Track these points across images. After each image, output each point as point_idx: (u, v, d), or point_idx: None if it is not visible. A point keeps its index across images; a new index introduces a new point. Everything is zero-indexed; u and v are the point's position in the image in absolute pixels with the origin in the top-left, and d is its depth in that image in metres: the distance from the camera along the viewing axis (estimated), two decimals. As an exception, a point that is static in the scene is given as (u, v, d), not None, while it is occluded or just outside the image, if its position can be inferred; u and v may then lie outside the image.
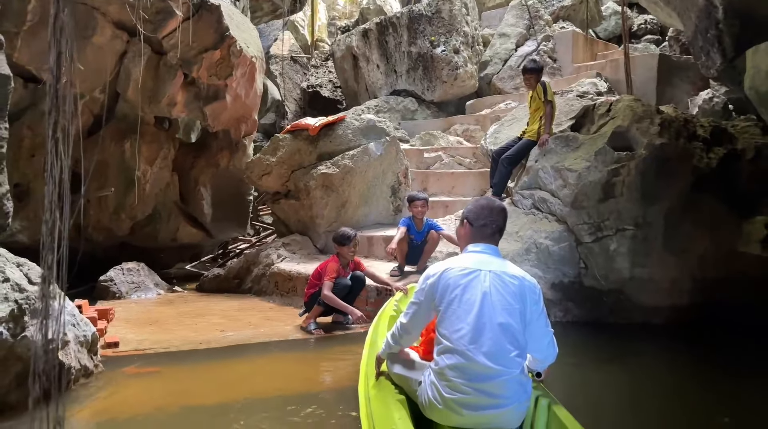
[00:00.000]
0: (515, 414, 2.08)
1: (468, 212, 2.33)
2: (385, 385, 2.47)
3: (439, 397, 2.08)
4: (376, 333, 3.25)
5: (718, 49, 5.22)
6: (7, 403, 2.68)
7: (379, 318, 3.57)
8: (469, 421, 2.05)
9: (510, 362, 2.05)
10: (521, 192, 5.70)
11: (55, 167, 1.12)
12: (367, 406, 2.49)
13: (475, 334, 2.05)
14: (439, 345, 2.14)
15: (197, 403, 3.02)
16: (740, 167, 5.44)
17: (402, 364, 2.40)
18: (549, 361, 2.31)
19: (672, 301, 4.91)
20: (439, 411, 2.09)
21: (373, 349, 2.95)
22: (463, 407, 2.03)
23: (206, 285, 6.64)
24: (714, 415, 3.09)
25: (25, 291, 2.63)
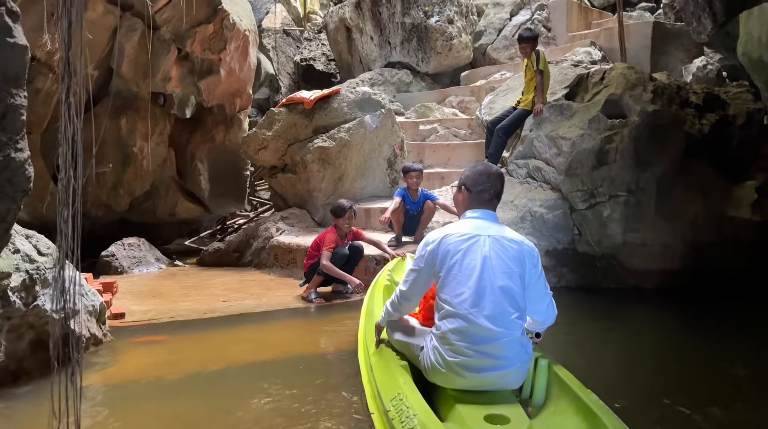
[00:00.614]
0: (517, 374, 2.12)
1: (465, 178, 2.33)
2: (386, 353, 2.50)
3: (441, 361, 2.11)
4: (371, 302, 3.28)
5: (708, 14, 5.24)
6: (23, 369, 2.78)
7: (373, 288, 3.60)
8: (472, 383, 2.09)
9: (511, 324, 2.07)
10: (516, 161, 5.76)
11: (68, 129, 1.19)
12: (369, 373, 2.52)
13: (476, 297, 2.07)
14: (441, 310, 2.17)
15: (202, 368, 3.13)
16: (732, 133, 5.51)
17: (403, 331, 2.44)
18: (548, 323, 2.35)
19: (664, 265, 5.02)
20: (442, 374, 2.12)
21: (370, 318, 2.98)
22: (465, 369, 2.07)
23: (207, 259, 6.73)
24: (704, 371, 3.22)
25: (35, 261, 2.71)
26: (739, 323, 4.18)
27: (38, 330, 2.81)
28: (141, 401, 2.68)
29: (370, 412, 2.27)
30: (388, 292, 3.39)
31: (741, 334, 3.95)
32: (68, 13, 1.25)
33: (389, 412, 2.01)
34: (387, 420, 2.03)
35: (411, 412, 1.92)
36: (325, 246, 4.63)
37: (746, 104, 5.77)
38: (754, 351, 3.60)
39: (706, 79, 8.51)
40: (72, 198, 1.18)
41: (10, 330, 2.63)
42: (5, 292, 2.56)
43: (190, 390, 2.82)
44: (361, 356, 2.81)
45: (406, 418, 1.92)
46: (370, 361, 2.57)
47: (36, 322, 2.76)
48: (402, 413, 1.96)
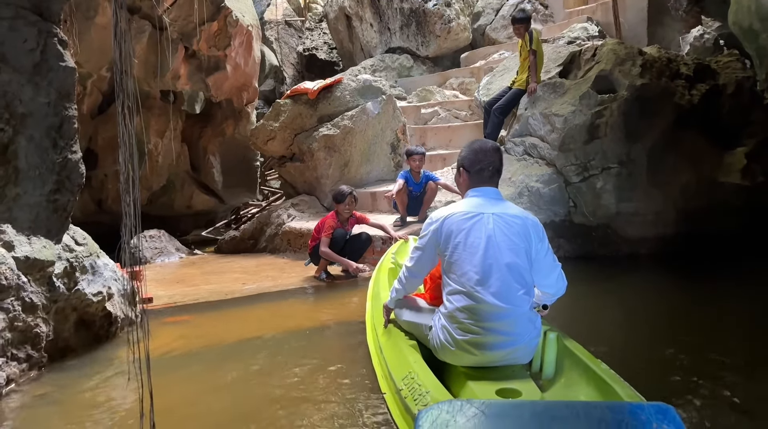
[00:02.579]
0: (526, 349, 2.14)
1: (463, 159, 2.33)
2: (395, 333, 2.53)
3: (451, 339, 2.13)
4: (377, 285, 3.32)
5: None
6: (68, 347, 3.13)
7: (378, 271, 3.66)
8: (482, 360, 2.11)
9: (518, 300, 2.09)
10: (513, 139, 6.00)
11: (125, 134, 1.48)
12: (378, 354, 2.58)
13: (482, 275, 2.09)
14: (448, 288, 2.18)
15: (227, 341, 3.46)
16: (722, 102, 5.69)
17: (411, 311, 2.48)
18: (559, 294, 2.36)
19: (657, 231, 5.26)
20: (452, 352, 2.15)
21: (376, 300, 3.04)
22: (475, 347, 2.08)
23: (224, 247, 7.07)
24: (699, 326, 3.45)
25: (74, 250, 3.04)
26: (729, 282, 4.39)
27: (80, 312, 3.15)
28: (175, 370, 3.01)
29: (383, 392, 2.31)
30: (393, 275, 3.47)
31: (731, 291, 4.18)
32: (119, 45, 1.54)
33: (402, 390, 2.05)
34: (400, 399, 2.06)
35: (423, 390, 1.95)
36: (324, 232, 4.84)
37: (736, 73, 5.95)
38: (742, 305, 3.83)
39: (704, 49, 8.60)
40: (132, 187, 1.48)
41: (56, 312, 2.98)
42: (51, 279, 2.90)
43: (217, 359, 3.15)
44: (370, 338, 2.87)
45: (419, 396, 1.95)
46: (379, 342, 2.62)
47: (78, 305, 3.10)
48: (414, 391, 1.98)
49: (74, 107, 2.05)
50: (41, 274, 2.84)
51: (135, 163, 1.53)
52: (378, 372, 2.50)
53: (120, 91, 1.55)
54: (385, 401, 2.23)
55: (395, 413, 2.11)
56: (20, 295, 2.72)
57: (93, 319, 3.25)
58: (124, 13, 1.61)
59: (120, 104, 1.54)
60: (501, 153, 2.38)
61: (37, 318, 2.82)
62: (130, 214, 1.55)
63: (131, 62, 1.63)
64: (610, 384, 1.92)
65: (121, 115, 1.53)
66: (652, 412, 1.45)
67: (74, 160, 2.08)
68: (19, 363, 2.75)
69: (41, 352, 2.89)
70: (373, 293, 3.27)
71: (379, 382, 2.42)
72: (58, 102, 1.95)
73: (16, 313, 2.69)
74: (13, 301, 2.68)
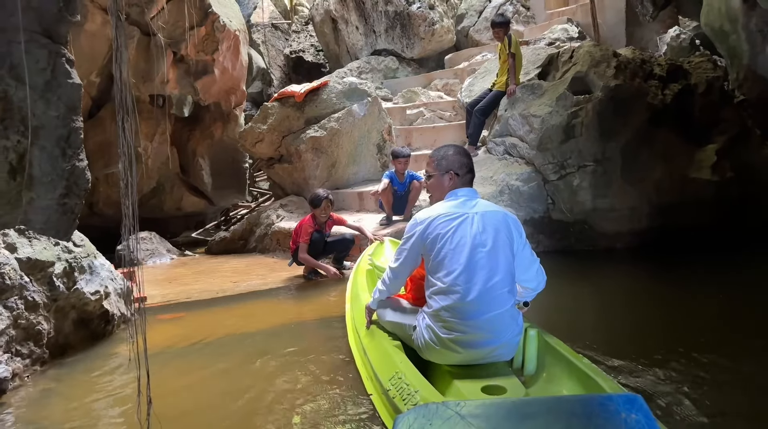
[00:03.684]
0: (509, 346, 2.20)
1: (450, 164, 2.37)
2: (378, 334, 2.53)
3: (435, 338, 2.17)
4: (356, 287, 3.33)
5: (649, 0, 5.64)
6: (68, 344, 3.28)
7: (355, 273, 3.67)
8: (466, 358, 2.15)
9: (502, 298, 2.14)
10: (494, 139, 6.21)
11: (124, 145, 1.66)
12: (362, 356, 2.59)
13: (467, 274, 2.13)
14: (433, 288, 2.22)
15: (220, 336, 3.62)
16: (694, 101, 5.93)
17: (394, 312, 2.51)
18: (540, 288, 2.41)
19: (632, 226, 5.49)
20: (437, 351, 2.19)
21: (356, 302, 3.08)
22: (459, 345, 2.12)
23: (214, 247, 7.22)
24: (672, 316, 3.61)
25: (72, 252, 3.19)
26: (701, 273, 4.60)
27: (79, 310, 3.30)
28: (171, 363, 3.17)
29: (369, 393, 2.33)
30: (371, 276, 3.56)
31: (702, 281, 4.38)
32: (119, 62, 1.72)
33: (389, 391, 2.06)
34: (388, 399, 2.08)
35: (412, 389, 1.96)
36: (301, 237, 4.96)
37: (707, 73, 6.19)
38: (712, 294, 4.02)
39: (680, 49, 8.86)
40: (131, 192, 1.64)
41: (57, 310, 3.13)
42: (51, 279, 3.05)
43: (211, 352, 3.32)
44: (352, 340, 2.89)
45: (407, 395, 1.96)
46: (362, 343, 2.63)
47: (77, 303, 3.25)
48: (403, 391, 2.00)
49: (80, 119, 2.22)
50: (42, 274, 2.99)
51: (134, 171, 1.70)
52: (363, 373, 2.50)
53: (120, 107, 1.72)
54: (372, 402, 2.25)
55: (383, 414, 2.13)
56: (23, 294, 2.87)
57: (91, 317, 3.40)
58: (123, 34, 1.78)
59: (120, 119, 1.71)
60: (469, 155, 2.50)
61: (38, 316, 2.97)
62: (128, 215, 1.71)
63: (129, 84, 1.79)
64: (592, 377, 1.97)
65: (120, 128, 1.70)
66: (620, 402, 1.48)
67: (81, 167, 2.25)
68: (23, 359, 2.90)
69: (43, 348, 3.04)
70: (352, 295, 3.29)
71: (364, 383, 2.44)
72: (66, 115, 2.12)
73: (19, 312, 2.85)
74: (17, 300, 2.84)
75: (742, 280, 4.36)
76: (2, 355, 2.74)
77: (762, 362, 2.74)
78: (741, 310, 3.66)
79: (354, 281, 3.50)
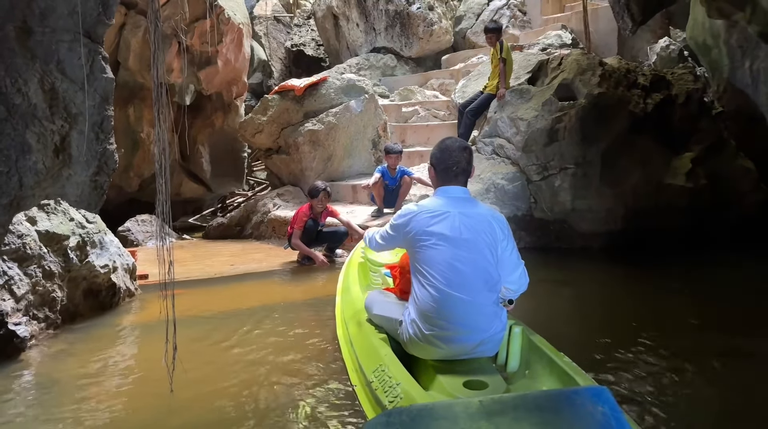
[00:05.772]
0: (492, 343, 2.22)
1: (432, 157, 2.39)
2: (365, 327, 2.57)
3: (419, 333, 2.19)
4: (347, 280, 3.38)
5: (628, 15, 5.95)
6: (78, 312, 3.57)
7: (347, 266, 3.71)
8: (449, 353, 2.18)
9: (483, 295, 2.16)
10: (483, 140, 6.52)
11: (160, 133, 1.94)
12: (349, 347, 2.63)
13: (448, 271, 2.15)
14: (416, 284, 2.25)
15: (214, 311, 3.92)
16: (674, 110, 6.25)
17: (381, 306, 2.55)
18: (521, 291, 2.40)
19: (608, 227, 5.80)
20: (420, 346, 2.22)
21: (346, 294, 3.15)
22: (441, 340, 2.15)
23: (212, 232, 7.50)
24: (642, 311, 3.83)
25: (85, 227, 3.48)
26: (671, 272, 4.88)
27: (89, 281, 3.59)
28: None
29: (353, 384, 2.37)
30: (363, 269, 3.63)
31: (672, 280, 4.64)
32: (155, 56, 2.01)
33: (372, 383, 2.11)
34: (370, 391, 2.11)
35: (394, 382, 1.99)
36: (295, 225, 5.28)
37: (687, 84, 6.50)
38: (680, 291, 4.29)
39: (669, 59, 9.17)
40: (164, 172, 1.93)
41: (70, 280, 3.41)
42: (66, 251, 3.34)
43: (209, 324, 3.61)
44: (340, 332, 2.92)
45: (389, 387, 1.99)
46: (350, 335, 2.68)
47: (88, 275, 3.54)
48: (385, 383, 2.03)
49: (112, 108, 2.52)
50: (58, 246, 3.28)
51: (167, 155, 1.99)
52: (348, 365, 2.55)
53: (156, 100, 2.00)
54: (356, 393, 2.31)
55: (365, 405, 2.17)
56: (41, 264, 3.15)
57: (99, 288, 3.69)
58: (159, 36, 2.07)
59: (157, 109, 1.99)
60: (469, 152, 2.38)
61: (54, 284, 3.26)
62: (162, 191, 2.00)
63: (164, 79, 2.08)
64: (572, 375, 2.00)
65: (157, 117, 1.98)
66: (587, 396, 1.49)
67: (111, 149, 2.54)
68: (39, 322, 3.19)
69: (57, 314, 3.33)
70: (343, 287, 3.34)
71: (349, 374, 2.49)
72: (100, 104, 2.42)
73: (37, 279, 3.13)
74: (36, 269, 3.12)
75: (707, 280, 4.64)
76: (21, 317, 3.03)
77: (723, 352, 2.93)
78: (704, 306, 3.92)
79: (346, 274, 3.54)
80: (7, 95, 2.06)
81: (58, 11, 2.14)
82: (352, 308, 2.88)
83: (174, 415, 2.41)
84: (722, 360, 2.83)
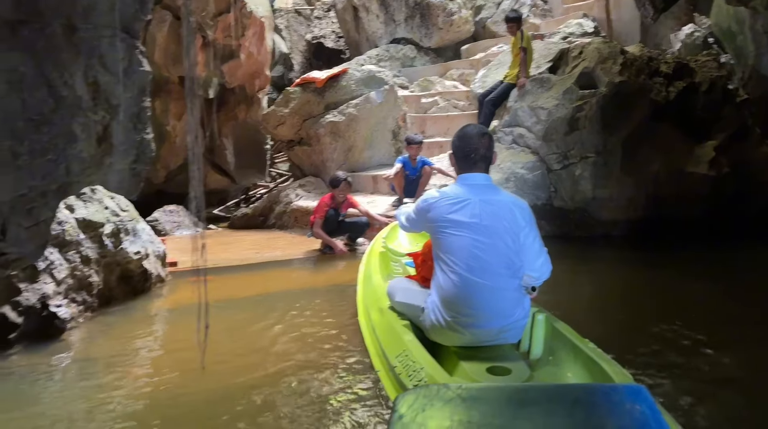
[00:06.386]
0: (515, 329, 2.22)
1: (452, 145, 2.40)
2: (387, 314, 2.59)
3: (442, 320, 2.21)
4: (368, 269, 3.40)
5: (649, 2, 5.90)
6: (113, 296, 3.74)
7: (368, 255, 3.76)
8: (472, 339, 2.19)
9: (504, 281, 2.16)
10: (503, 129, 6.55)
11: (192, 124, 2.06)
12: (371, 334, 2.65)
13: (470, 258, 2.15)
14: (438, 270, 2.26)
15: (240, 296, 4.07)
16: (696, 98, 6.20)
17: (404, 293, 2.56)
18: (544, 278, 2.39)
19: (628, 215, 5.81)
20: (443, 332, 2.24)
21: (368, 283, 3.19)
22: (464, 327, 2.17)
23: (236, 222, 7.69)
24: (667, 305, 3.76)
25: (119, 215, 3.64)
26: (692, 261, 4.88)
27: (123, 267, 3.76)
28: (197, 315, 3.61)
29: (376, 369, 2.39)
30: (384, 259, 3.67)
31: (693, 268, 4.65)
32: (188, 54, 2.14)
33: (395, 367, 2.12)
34: (394, 375, 2.13)
35: (417, 366, 2.02)
36: (316, 214, 5.43)
37: (710, 72, 6.44)
38: (702, 279, 4.28)
39: (694, 46, 9.03)
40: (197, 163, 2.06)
41: (105, 265, 3.58)
42: (102, 238, 3.50)
43: (237, 308, 3.76)
44: (362, 319, 2.96)
45: (413, 372, 2.01)
46: (372, 322, 2.70)
47: (122, 261, 3.71)
48: (408, 368, 2.05)
49: (148, 100, 2.66)
50: (94, 233, 3.44)
51: (199, 143, 2.11)
52: (371, 350, 2.58)
53: (189, 94, 2.12)
54: (379, 378, 2.34)
55: (389, 389, 2.20)
56: (79, 250, 3.32)
57: (132, 274, 3.85)
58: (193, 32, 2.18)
59: (190, 102, 2.12)
60: (489, 138, 2.37)
61: (91, 269, 3.43)
62: (195, 177, 2.12)
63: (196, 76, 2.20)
64: (597, 362, 1.97)
65: (190, 110, 2.10)
66: (625, 393, 1.45)
67: (147, 139, 2.70)
68: (77, 305, 3.36)
69: (93, 297, 3.50)
70: (364, 276, 3.37)
71: (372, 360, 2.51)
72: (138, 96, 2.57)
73: (76, 264, 3.30)
74: (74, 254, 3.29)
75: (730, 269, 4.63)
76: (62, 299, 3.20)
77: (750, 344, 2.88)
78: (728, 295, 3.89)
79: (367, 263, 3.57)
80: (55, 88, 2.20)
81: (99, 9, 2.27)
82: (373, 296, 2.91)
83: (205, 389, 2.54)
84: (748, 350, 2.77)
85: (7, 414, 2.32)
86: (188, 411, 2.34)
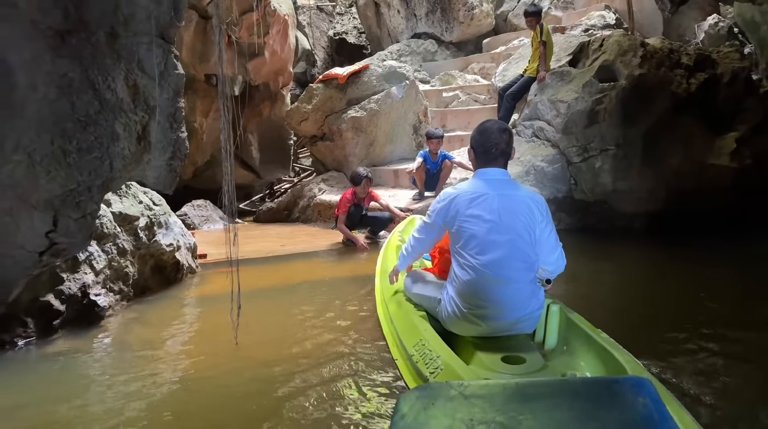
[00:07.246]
0: (530, 320, 2.27)
1: (472, 139, 2.42)
2: (405, 306, 2.67)
3: (458, 311, 2.26)
4: (385, 262, 3.52)
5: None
6: (147, 286, 3.95)
7: (386, 248, 3.86)
8: (487, 330, 2.25)
9: (520, 274, 2.21)
10: (523, 123, 6.61)
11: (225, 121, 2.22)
12: (389, 325, 2.73)
13: (486, 251, 2.20)
14: (455, 263, 2.31)
15: (268, 285, 4.25)
16: (718, 90, 6.17)
17: (421, 285, 2.63)
18: (558, 272, 2.45)
19: (648, 208, 5.83)
20: (460, 323, 2.29)
21: (385, 276, 3.23)
22: (479, 318, 2.22)
23: (262, 216, 7.89)
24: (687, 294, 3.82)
25: (152, 209, 3.84)
26: (713, 253, 4.89)
27: (156, 258, 3.96)
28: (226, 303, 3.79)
29: (394, 358, 2.47)
30: (400, 252, 3.87)
31: (714, 260, 4.66)
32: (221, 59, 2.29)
33: (413, 356, 2.19)
34: (411, 364, 2.20)
35: (434, 354, 2.08)
36: (339, 209, 5.60)
37: (733, 63, 6.39)
38: (723, 272, 4.31)
39: (717, 37, 8.93)
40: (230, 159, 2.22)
41: (139, 257, 3.78)
42: (136, 230, 3.70)
43: (263, 297, 3.93)
44: (380, 310, 3.06)
45: (429, 360, 2.08)
46: (390, 314, 2.79)
47: (155, 253, 3.91)
48: (425, 356, 2.12)
49: (183, 101, 2.85)
50: (130, 226, 3.64)
51: (231, 142, 2.27)
52: (389, 340, 2.65)
53: (221, 95, 2.28)
54: (398, 366, 2.41)
55: (407, 377, 2.28)
56: (116, 242, 3.52)
57: (165, 265, 4.05)
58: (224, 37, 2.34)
59: (222, 101, 2.27)
60: (509, 134, 2.39)
61: (126, 261, 3.63)
62: (227, 172, 2.28)
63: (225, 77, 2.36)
64: (611, 351, 2.01)
65: (223, 108, 2.25)
66: (628, 386, 1.46)
67: (182, 137, 2.88)
68: (114, 294, 3.57)
69: (129, 287, 3.70)
70: (382, 269, 3.46)
71: (390, 349, 2.58)
72: (173, 97, 2.75)
73: (113, 256, 3.50)
74: (111, 246, 3.49)
75: (750, 261, 4.63)
76: (101, 289, 3.40)
77: None
78: (749, 287, 3.92)
79: (384, 257, 3.68)
80: (99, 91, 2.39)
81: (138, 17, 2.45)
82: (391, 288, 2.98)
83: (237, 369, 2.71)
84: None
85: (54, 392, 2.52)
86: (222, 391, 2.51)
